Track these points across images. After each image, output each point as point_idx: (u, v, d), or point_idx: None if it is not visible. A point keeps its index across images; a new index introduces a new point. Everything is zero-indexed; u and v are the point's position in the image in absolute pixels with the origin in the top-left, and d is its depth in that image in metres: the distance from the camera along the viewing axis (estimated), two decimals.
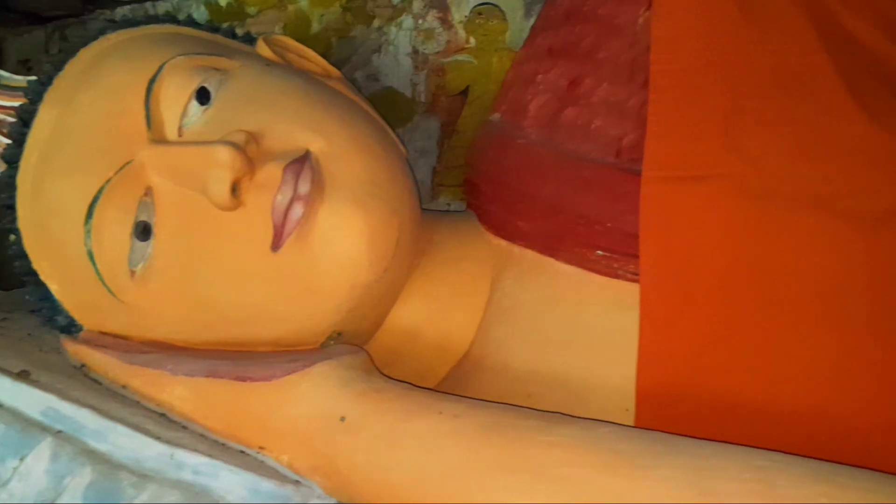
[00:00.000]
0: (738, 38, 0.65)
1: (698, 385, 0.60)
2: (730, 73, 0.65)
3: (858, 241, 0.58)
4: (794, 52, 0.64)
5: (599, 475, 0.46)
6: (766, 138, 0.62)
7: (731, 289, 0.60)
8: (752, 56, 0.65)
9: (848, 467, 0.47)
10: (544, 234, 0.69)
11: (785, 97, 0.62)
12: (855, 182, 0.59)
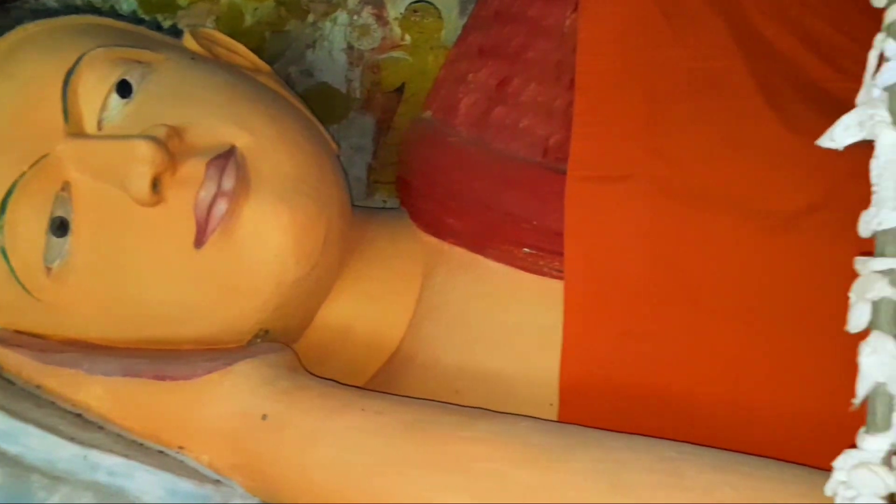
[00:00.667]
0: (660, 42, 0.67)
1: (619, 379, 0.61)
2: (651, 75, 0.66)
3: (770, 240, 0.60)
4: (711, 56, 0.66)
5: (516, 469, 0.47)
6: (683, 140, 0.63)
7: (650, 285, 0.62)
8: (672, 59, 0.66)
9: (753, 457, 0.49)
10: (473, 232, 0.70)
11: (702, 100, 0.65)
12: (767, 183, 0.61)
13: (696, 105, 0.65)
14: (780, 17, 0.69)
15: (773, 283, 0.59)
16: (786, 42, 0.68)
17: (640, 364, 0.61)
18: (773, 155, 0.62)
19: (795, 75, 0.67)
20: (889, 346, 0.40)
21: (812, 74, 0.68)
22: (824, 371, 0.56)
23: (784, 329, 0.58)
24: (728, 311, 0.59)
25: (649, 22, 0.68)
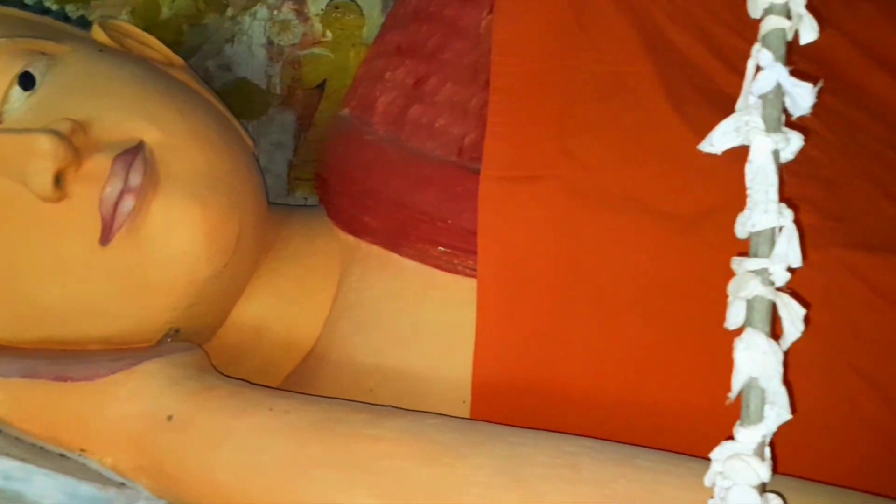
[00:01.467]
0: (573, 45, 0.69)
1: (530, 377, 0.63)
2: (564, 78, 0.68)
3: (673, 241, 0.62)
4: (621, 60, 0.68)
5: (420, 466, 0.47)
6: (594, 142, 0.65)
7: (559, 284, 0.63)
8: (584, 63, 0.68)
9: (650, 451, 0.51)
10: (389, 230, 0.70)
11: (612, 103, 0.66)
12: (672, 184, 0.64)
13: (606, 108, 0.67)
14: (688, 24, 0.72)
15: (676, 282, 0.61)
16: (694, 49, 0.71)
17: (549, 362, 0.63)
18: (679, 158, 0.64)
19: (702, 81, 0.69)
20: (761, 342, 0.43)
21: (718, 80, 0.70)
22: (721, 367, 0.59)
23: (685, 327, 0.61)
24: (633, 310, 0.61)
25: (563, 26, 0.70)
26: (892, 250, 0.65)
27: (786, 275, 0.47)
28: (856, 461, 0.62)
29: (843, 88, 0.76)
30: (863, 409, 0.62)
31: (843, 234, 0.65)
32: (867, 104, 0.75)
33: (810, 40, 0.50)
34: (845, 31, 0.77)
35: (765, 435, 0.44)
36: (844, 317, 0.63)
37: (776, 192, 0.48)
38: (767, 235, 0.47)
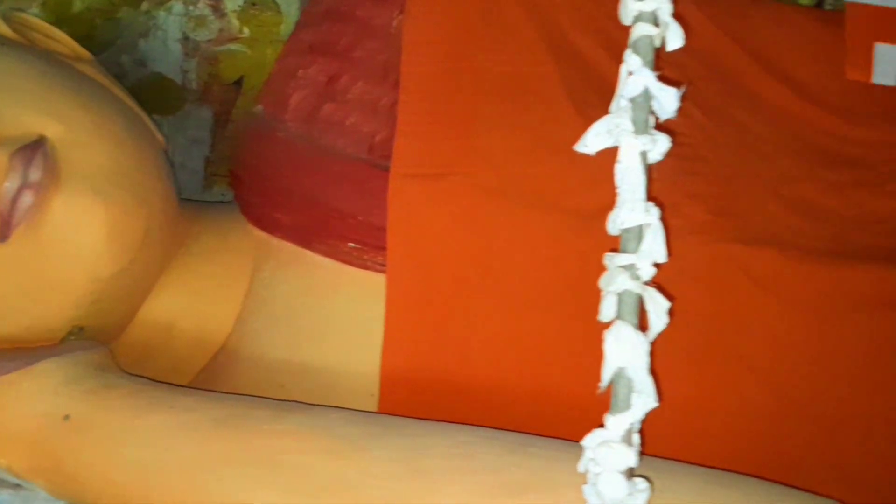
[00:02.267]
0: (480, 47, 0.69)
1: (437, 369, 0.63)
2: (471, 78, 0.68)
3: (575, 236, 0.63)
4: (526, 62, 0.69)
5: (322, 460, 0.47)
6: (500, 140, 0.66)
7: (466, 279, 0.64)
8: (491, 64, 0.69)
9: (544, 439, 0.52)
10: (301, 227, 0.69)
11: (517, 103, 0.67)
12: (573, 182, 0.65)
13: (511, 108, 0.67)
14: (590, 28, 0.73)
15: (576, 276, 0.62)
16: (595, 52, 0.72)
17: (455, 354, 0.63)
18: (580, 157, 0.65)
19: (602, 83, 0.70)
20: (629, 334, 0.44)
21: (616, 83, 0.72)
22: None
23: (583, 320, 0.61)
24: (535, 304, 0.62)
25: (470, 27, 0.70)
26: (776, 245, 0.68)
27: (651, 270, 0.48)
28: (740, 444, 0.64)
29: (737, 94, 0.78)
30: (746, 393, 0.65)
31: (733, 230, 0.68)
32: (759, 109, 0.77)
33: (676, 47, 0.52)
34: (740, 40, 0.80)
35: (632, 422, 0.45)
36: (731, 307, 0.66)
37: (643, 191, 0.49)
38: (635, 232, 0.49)
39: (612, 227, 0.50)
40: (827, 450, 0.65)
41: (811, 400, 0.65)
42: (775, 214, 0.70)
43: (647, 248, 0.47)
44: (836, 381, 0.65)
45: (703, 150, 0.72)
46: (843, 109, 0.80)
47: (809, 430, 0.65)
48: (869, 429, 0.65)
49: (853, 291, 0.66)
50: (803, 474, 0.63)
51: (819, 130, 0.78)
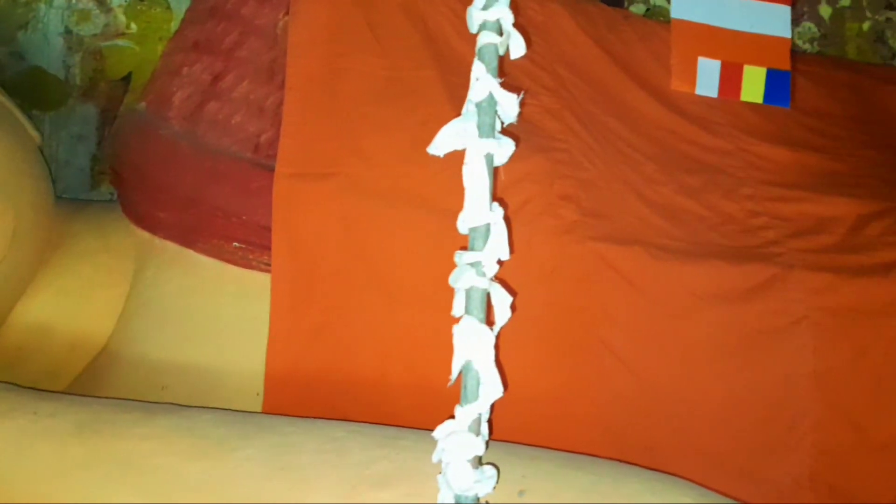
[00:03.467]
0: (364, 50, 0.68)
1: (322, 366, 0.61)
2: (355, 80, 0.67)
3: (449, 235, 0.63)
4: (410, 66, 0.68)
5: (187, 461, 0.45)
6: (381, 142, 0.65)
7: (348, 277, 0.62)
8: (375, 67, 0.68)
9: (414, 431, 0.51)
10: (184, 226, 0.66)
11: (399, 106, 0.66)
12: (452, 183, 0.64)
13: (394, 110, 0.66)
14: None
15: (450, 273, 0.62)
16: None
17: (339, 351, 0.62)
18: (457, 159, 0.65)
19: None
20: (476, 328, 0.45)
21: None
22: None
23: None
24: (414, 300, 0.62)
25: (355, 31, 0.69)
26: (640, 243, 0.70)
27: (495, 266, 0.49)
28: (607, 429, 0.66)
29: (609, 102, 0.80)
30: (612, 381, 0.66)
31: (603, 229, 0.69)
32: (628, 117, 0.80)
33: (518, 56, 0.53)
34: (611, 52, 0.82)
35: (480, 412, 0.45)
36: (599, 301, 0.67)
37: (489, 192, 0.50)
38: (482, 231, 0.49)
39: (461, 227, 0.51)
40: (683, 432, 0.67)
41: (669, 386, 0.68)
42: (640, 215, 0.72)
43: (492, 245, 0.47)
44: (691, 368, 0.68)
45: (577, 155, 0.73)
46: (702, 119, 0.84)
47: (668, 414, 0.67)
48: (719, 411, 0.68)
49: (705, 287, 0.69)
50: (663, 455, 0.65)
51: (680, 138, 0.82)
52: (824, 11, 1.24)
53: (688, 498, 0.47)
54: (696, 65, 0.46)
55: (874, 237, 0.77)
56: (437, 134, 0.50)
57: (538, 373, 0.66)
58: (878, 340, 0.72)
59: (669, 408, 0.68)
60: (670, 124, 0.82)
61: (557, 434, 0.64)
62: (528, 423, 0.63)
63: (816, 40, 1.26)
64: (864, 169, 0.87)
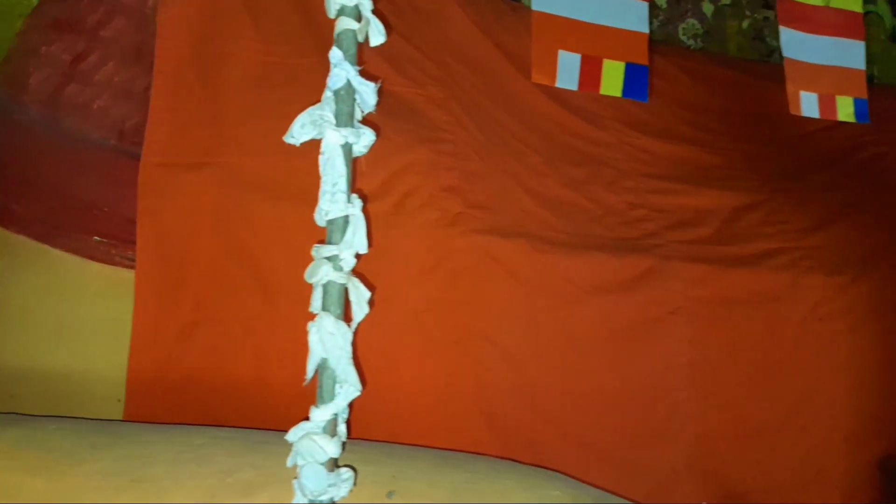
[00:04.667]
0: (241, 35, 0.64)
1: (191, 370, 0.58)
2: (231, 64, 0.63)
3: None
4: (291, 53, 0.65)
5: (29, 476, 0.41)
6: (259, 130, 0.61)
7: (221, 273, 0.59)
8: (252, 52, 0.64)
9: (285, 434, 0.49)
10: (41, 220, 0.60)
11: (279, 93, 0.63)
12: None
13: (272, 98, 0.63)
14: None
15: None
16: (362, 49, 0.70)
17: (212, 352, 0.58)
18: None
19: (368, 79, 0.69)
20: (330, 325, 0.43)
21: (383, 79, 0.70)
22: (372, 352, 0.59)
23: None
24: (294, 297, 0.58)
25: (232, 14, 0.64)
26: (524, 235, 0.69)
27: (353, 260, 0.47)
28: (488, 425, 0.65)
29: (497, 94, 0.80)
30: (495, 375, 0.66)
31: (485, 221, 0.68)
32: (514, 109, 0.79)
33: (378, 43, 0.51)
34: (499, 43, 0.81)
35: (335, 413, 0.44)
36: (482, 294, 0.67)
37: (346, 183, 0.48)
38: (339, 224, 0.47)
39: (318, 219, 0.49)
40: (566, 424, 0.67)
41: (552, 379, 0.68)
42: (525, 208, 0.72)
43: (350, 239, 0.46)
44: (573, 360, 0.68)
45: (463, 146, 0.72)
46: (588, 112, 0.84)
47: (551, 408, 0.67)
48: (601, 403, 0.69)
49: (587, 278, 0.70)
50: (545, 448, 0.65)
51: (566, 130, 0.82)
52: (707, 9, 1.29)
53: (557, 491, 0.47)
54: (557, 58, 0.45)
55: (747, 229, 0.81)
56: (294, 122, 0.48)
57: (420, 369, 0.64)
58: (750, 328, 0.75)
59: (552, 401, 0.68)
60: (557, 117, 0.82)
61: (442, 431, 0.62)
62: (412, 420, 0.62)
63: (700, 37, 1.31)
64: (739, 162, 0.91)
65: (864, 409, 0.76)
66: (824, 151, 0.94)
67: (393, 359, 0.62)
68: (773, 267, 0.76)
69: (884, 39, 1.42)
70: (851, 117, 0.50)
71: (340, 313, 0.45)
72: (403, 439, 0.57)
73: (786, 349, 0.75)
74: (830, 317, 0.75)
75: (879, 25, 1.43)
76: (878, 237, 0.82)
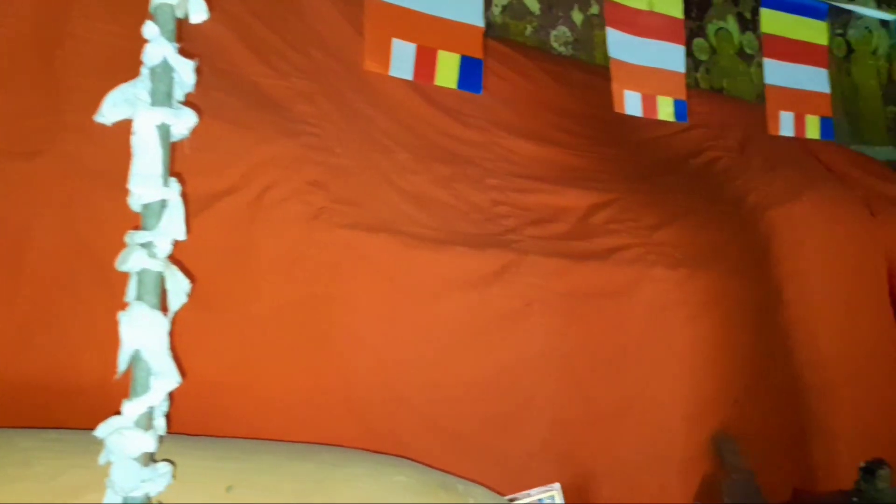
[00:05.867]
0: (88, 14, 0.60)
1: (30, 372, 0.53)
2: (75, 48, 0.59)
3: (193, 219, 0.58)
4: (136, 36, 0.62)
5: None
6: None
7: (63, 269, 0.55)
8: (100, 34, 0.59)
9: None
10: None
11: (127, 78, 0.60)
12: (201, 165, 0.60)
13: (120, 83, 0.60)
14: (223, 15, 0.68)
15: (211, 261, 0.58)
16: (224, 36, 0.68)
17: (54, 354, 0.54)
18: (208, 140, 0.61)
19: (228, 66, 0.67)
20: (145, 315, 0.42)
21: (246, 70, 0.69)
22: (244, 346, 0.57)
23: (217, 308, 0.58)
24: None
25: None
26: (390, 231, 0.69)
27: (169, 247, 0.46)
28: (353, 418, 0.65)
29: (367, 90, 0.79)
30: (359, 369, 0.65)
31: (350, 216, 0.67)
32: (385, 105, 0.79)
33: (199, 21, 0.50)
34: None
35: (151, 406, 0.43)
36: (346, 289, 0.66)
37: (161, 166, 0.47)
38: (155, 209, 0.46)
39: (133, 204, 0.47)
40: (430, 415, 0.68)
41: (417, 371, 0.68)
42: (391, 203, 0.72)
43: (166, 225, 0.45)
44: (437, 352, 0.69)
45: (329, 141, 0.70)
46: (457, 111, 0.86)
47: (415, 399, 0.68)
48: (463, 392, 0.70)
49: (451, 273, 0.71)
50: (409, 439, 0.65)
51: (435, 129, 0.83)
52: (576, 17, 1.34)
53: (402, 476, 0.48)
54: (391, 46, 0.46)
55: (599, 225, 0.85)
56: (104, 100, 0.46)
57: (283, 366, 0.63)
58: (600, 319, 0.80)
59: (416, 392, 0.69)
60: (427, 115, 0.83)
61: (308, 427, 0.60)
62: (275, 417, 0.60)
63: (570, 44, 1.36)
64: (598, 164, 0.96)
65: (699, 392, 0.82)
66: (671, 155, 1.01)
67: (254, 356, 0.61)
68: (621, 261, 0.81)
69: (732, 54, 1.54)
70: (671, 116, 0.53)
71: (156, 302, 0.43)
72: (266, 436, 0.56)
73: (632, 338, 0.79)
74: (671, 307, 0.81)
75: (729, 41, 1.55)
76: (714, 235, 0.89)
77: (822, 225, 0.98)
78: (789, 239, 0.96)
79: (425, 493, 0.47)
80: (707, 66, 1.51)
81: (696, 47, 1.49)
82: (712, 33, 1.51)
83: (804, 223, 0.97)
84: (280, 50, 0.71)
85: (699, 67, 1.50)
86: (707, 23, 1.51)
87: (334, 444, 0.58)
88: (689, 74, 1.44)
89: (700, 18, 1.51)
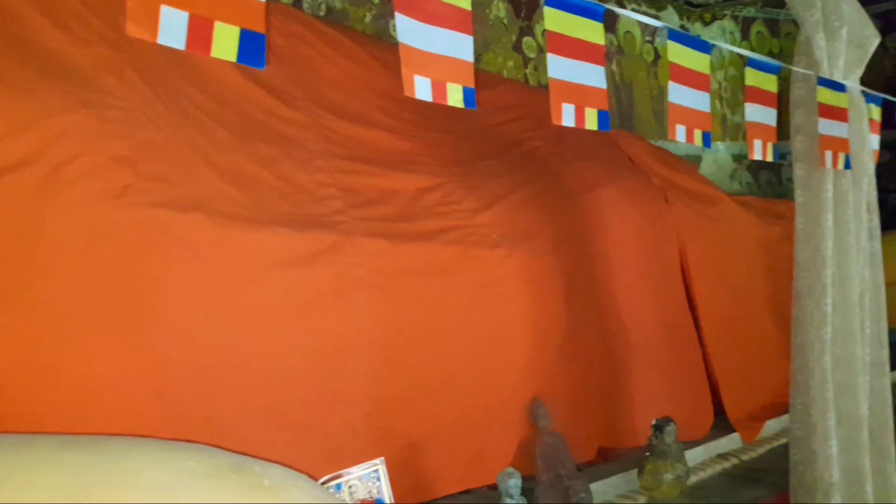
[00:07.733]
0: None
1: None
2: None
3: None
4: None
5: None
6: None
7: None
8: None
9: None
10: None
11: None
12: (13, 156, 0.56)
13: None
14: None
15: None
16: (39, 23, 0.64)
17: None
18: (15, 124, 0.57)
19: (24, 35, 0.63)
20: None
21: (41, 36, 0.64)
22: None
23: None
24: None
25: None
26: (203, 209, 0.66)
27: None
28: (162, 405, 0.60)
29: (185, 65, 0.75)
30: (168, 353, 0.60)
31: (159, 194, 0.64)
32: (204, 82, 0.74)
33: None
34: None
35: None
36: (154, 270, 0.60)
37: None
38: None
39: None
40: (247, 396, 0.66)
41: (232, 353, 0.64)
42: (206, 182, 0.68)
43: None
44: (254, 333, 0.67)
45: (137, 115, 0.66)
46: (283, 92, 0.82)
47: (231, 381, 0.63)
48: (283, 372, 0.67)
49: (269, 253, 0.69)
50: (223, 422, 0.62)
51: (259, 108, 0.79)
52: None
53: (192, 461, 0.46)
54: (159, 12, 0.45)
55: (427, 208, 0.87)
56: None
57: (81, 352, 0.59)
58: (424, 297, 0.82)
59: (232, 374, 0.66)
60: (250, 94, 0.81)
61: (108, 416, 0.58)
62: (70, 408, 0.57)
63: None
64: (427, 149, 0.97)
65: (517, 362, 0.87)
66: (495, 143, 1.05)
67: (44, 342, 0.56)
68: (445, 241, 0.84)
69: None
70: (460, 103, 0.56)
71: None
72: (57, 430, 0.51)
73: (454, 315, 0.82)
74: (490, 285, 0.85)
75: None
76: (532, 217, 0.94)
77: (625, 209, 1.07)
78: (597, 222, 1.04)
79: (216, 476, 0.45)
80: (535, 63, 1.61)
81: (525, 45, 1.59)
82: (540, 33, 1.61)
83: (610, 207, 1.05)
84: (80, 15, 0.65)
85: (528, 64, 1.60)
86: (535, 23, 1.61)
87: (142, 435, 0.54)
88: (519, 70, 1.56)
89: (529, 19, 1.61)
